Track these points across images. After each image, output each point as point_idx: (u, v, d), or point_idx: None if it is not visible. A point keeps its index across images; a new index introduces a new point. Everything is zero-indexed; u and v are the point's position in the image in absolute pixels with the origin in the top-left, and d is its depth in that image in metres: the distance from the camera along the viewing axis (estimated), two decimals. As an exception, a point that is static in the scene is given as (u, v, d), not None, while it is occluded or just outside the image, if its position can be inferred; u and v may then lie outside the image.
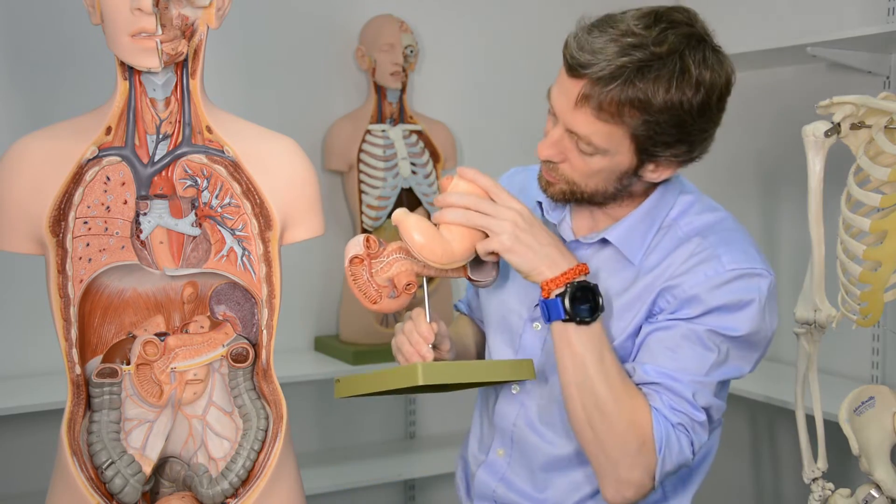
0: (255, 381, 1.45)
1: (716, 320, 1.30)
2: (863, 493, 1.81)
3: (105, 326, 1.42)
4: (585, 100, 1.24)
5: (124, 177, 1.38)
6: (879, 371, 2.33)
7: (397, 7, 2.70)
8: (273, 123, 1.52)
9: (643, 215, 1.37)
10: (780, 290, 2.60)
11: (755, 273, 1.31)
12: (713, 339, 1.30)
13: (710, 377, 1.30)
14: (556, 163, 1.33)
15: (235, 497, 1.40)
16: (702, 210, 1.39)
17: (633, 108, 1.23)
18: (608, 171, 1.30)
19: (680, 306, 1.31)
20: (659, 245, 1.37)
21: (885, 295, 1.76)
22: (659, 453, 1.27)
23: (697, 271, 1.31)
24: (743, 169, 2.72)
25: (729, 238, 1.34)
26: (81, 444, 1.37)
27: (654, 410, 1.28)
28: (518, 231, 1.28)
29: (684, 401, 1.29)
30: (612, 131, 1.26)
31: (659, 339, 1.31)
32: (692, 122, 1.26)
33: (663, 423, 1.28)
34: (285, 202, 1.42)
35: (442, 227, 1.31)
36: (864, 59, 2.25)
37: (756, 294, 1.30)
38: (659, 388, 1.30)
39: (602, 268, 1.39)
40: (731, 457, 2.78)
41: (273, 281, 1.41)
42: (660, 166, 1.32)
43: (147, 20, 1.29)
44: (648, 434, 1.27)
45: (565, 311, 1.27)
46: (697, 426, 1.30)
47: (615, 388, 1.28)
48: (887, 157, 1.70)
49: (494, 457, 1.48)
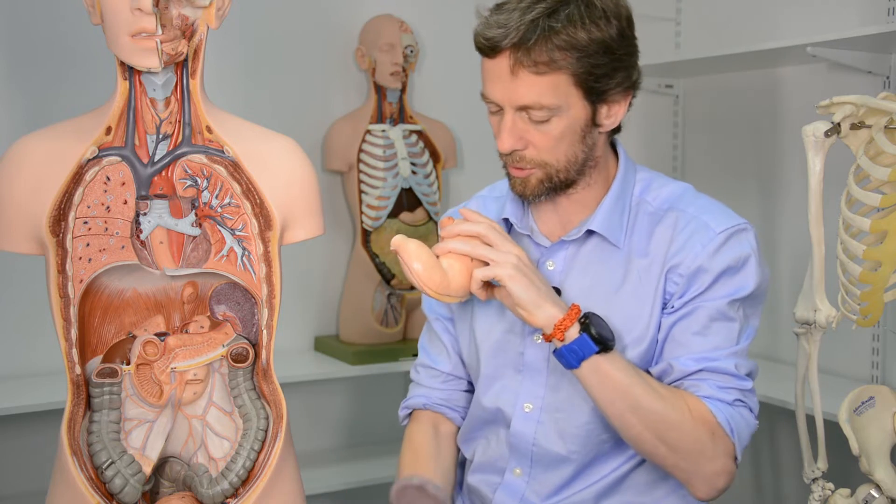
0: (255, 381, 1.45)
1: (726, 286, 1.34)
2: (863, 493, 1.81)
3: (105, 326, 1.42)
4: (518, 65, 1.28)
5: (124, 177, 1.38)
6: (879, 371, 2.32)
7: (397, 7, 2.70)
8: (273, 123, 1.52)
9: (615, 199, 1.40)
10: (780, 290, 2.63)
11: (741, 228, 1.38)
12: (733, 309, 1.35)
13: (741, 344, 1.35)
14: (520, 151, 1.35)
15: (235, 497, 1.40)
16: (662, 184, 1.44)
17: (562, 51, 1.28)
18: (570, 132, 1.33)
19: (688, 284, 1.35)
20: (635, 225, 1.40)
21: (885, 295, 1.76)
22: (732, 436, 1.31)
23: (693, 243, 1.35)
24: (743, 169, 2.72)
25: (705, 204, 1.41)
26: (81, 444, 1.37)
27: (707, 400, 1.31)
28: (521, 265, 1.29)
29: (730, 376, 1.33)
30: (556, 82, 1.29)
31: (684, 328, 1.34)
32: (617, 46, 1.31)
33: (722, 407, 1.31)
34: (285, 202, 1.42)
35: (442, 258, 1.31)
36: (864, 59, 2.25)
37: (749, 247, 1.37)
38: (702, 374, 1.33)
39: (592, 261, 1.40)
40: (731, 457, 2.78)
41: (273, 281, 1.41)
42: (611, 107, 1.35)
43: (147, 20, 1.29)
44: (714, 423, 1.30)
45: (595, 342, 1.27)
46: (749, 394, 1.35)
47: (665, 396, 1.31)
48: (887, 157, 1.70)
49: (511, 477, 1.46)
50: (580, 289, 1.40)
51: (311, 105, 2.68)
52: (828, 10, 2.45)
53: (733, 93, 2.75)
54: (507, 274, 1.28)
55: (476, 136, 2.88)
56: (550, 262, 1.43)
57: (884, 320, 2.28)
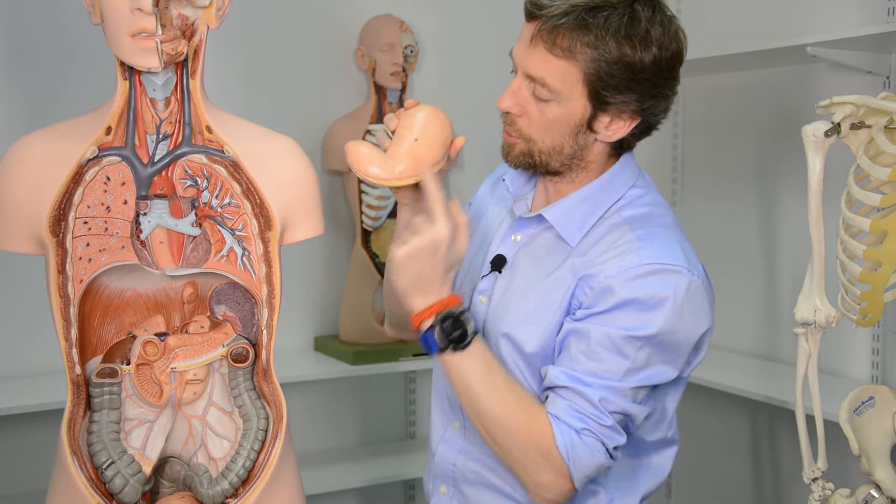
0: (255, 381, 1.45)
1: (626, 316, 1.29)
2: (863, 493, 1.82)
3: (105, 326, 1.42)
4: (539, 36, 1.30)
5: (124, 177, 1.38)
6: (879, 371, 2.32)
7: (397, 7, 2.70)
8: (273, 123, 1.52)
9: (585, 198, 1.39)
10: (780, 290, 2.63)
11: (672, 270, 1.31)
12: (629, 346, 1.29)
13: (625, 382, 1.30)
14: (514, 116, 1.37)
15: (235, 497, 1.40)
16: (645, 203, 1.40)
17: (584, 46, 1.28)
18: (563, 121, 1.33)
19: (595, 299, 1.32)
20: (595, 230, 1.38)
21: (885, 295, 1.76)
22: (567, 461, 1.29)
23: (614, 262, 1.32)
24: (743, 169, 2.72)
25: (656, 233, 1.35)
26: (81, 444, 1.37)
27: (555, 419, 1.29)
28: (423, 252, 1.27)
29: (590, 405, 1.29)
30: (566, 69, 1.30)
31: (577, 342, 1.32)
32: (642, 68, 1.29)
33: (566, 431, 1.29)
34: (285, 202, 1.42)
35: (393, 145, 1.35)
36: (864, 59, 2.25)
37: (671, 291, 1.30)
38: (566, 391, 1.30)
39: (543, 246, 1.41)
40: (731, 457, 2.78)
41: (273, 281, 1.41)
42: (613, 121, 1.34)
43: (147, 20, 1.29)
44: (551, 444, 1.29)
45: (436, 343, 1.30)
46: (606, 430, 1.30)
47: (509, 403, 1.31)
48: (887, 157, 1.70)
49: (451, 431, 1.50)
50: (523, 267, 1.42)
51: (311, 105, 2.68)
52: (828, 10, 2.45)
53: (733, 93, 2.75)
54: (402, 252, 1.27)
55: (476, 137, 2.87)
56: (517, 234, 1.45)
57: (884, 320, 2.28)
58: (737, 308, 2.69)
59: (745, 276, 2.70)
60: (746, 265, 2.70)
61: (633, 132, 1.36)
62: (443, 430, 1.52)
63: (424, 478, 1.59)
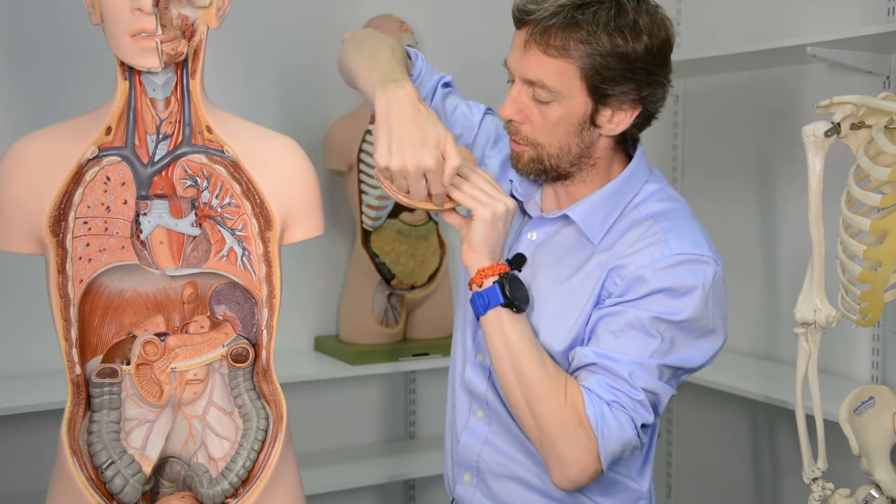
0: (255, 381, 1.45)
1: (659, 303, 1.33)
2: (863, 493, 1.82)
3: (105, 326, 1.42)
4: (532, 39, 1.33)
5: (124, 177, 1.38)
6: (879, 371, 2.33)
7: (397, 7, 2.70)
8: (273, 123, 1.52)
9: (606, 196, 1.42)
10: (781, 290, 2.63)
11: (701, 260, 1.35)
12: (657, 326, 1.33)
13: (652, 360, 1.33)
14: (518, 124, 1.39)
15: (235, 497, 1.40)
16: (662, 198, 1.44)
17: (578, 42, 1.31)
18: (567, 121, 1.36)
19: (626, 288, 1.35)
20: (617, 227, 1.41)
21: (885, 295, 1.76)
22: (597, 432, 1.30)
23: (645, 253, 1.36)
24: (743, 169, 2.72)
25: (681, 225, 1.39)
26: (81, 444, 1.37)
27: (587, 391, 1.32)
28: (500, 217, 1.34)
29: (621, 379, 1.32)
30: (563, 68, 1.32)
31: (604, 325, 1.35)
32: (636, 58, 1.32)
33: (597, 402, 1.31)
34: (285, 202, 1.42)
35: None
36: (864, 59, 2.25)
37: (700, 280, 1.34)
38: (595, 367, 1.33)
39: (564, 244, 1.44)
40: (731, 457, 2.78)
41: (273, 281, 1.42)
42: (615, 114, 1.37)
43: (147, 20, 1.29)
44: (582, 413, 1.30)
45: (504, 296, 1.33)
46: (637, 405, 1.32)
47: (549, 370, 1.33)
48: (887, 157, 1.70)
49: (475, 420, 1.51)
50: (545, 266, 1.44)
51: (311, 105, 2.68)
52: (828, 10, 2.45)
53: (733, 93, 2.75)
54: (484, 216, 1.33)
55: (476, 136, 2.87)
56: (533, 232, 1.48)
57: (884, 320, 2.28)
58: (737, 308, 2.69)
59: (745, 276, 2.70)
60: (746, 265, 2.70)
61: (634, 123, 1.39)
62: (465, 417, 1.53)
63: (445, 460, 1.60)
